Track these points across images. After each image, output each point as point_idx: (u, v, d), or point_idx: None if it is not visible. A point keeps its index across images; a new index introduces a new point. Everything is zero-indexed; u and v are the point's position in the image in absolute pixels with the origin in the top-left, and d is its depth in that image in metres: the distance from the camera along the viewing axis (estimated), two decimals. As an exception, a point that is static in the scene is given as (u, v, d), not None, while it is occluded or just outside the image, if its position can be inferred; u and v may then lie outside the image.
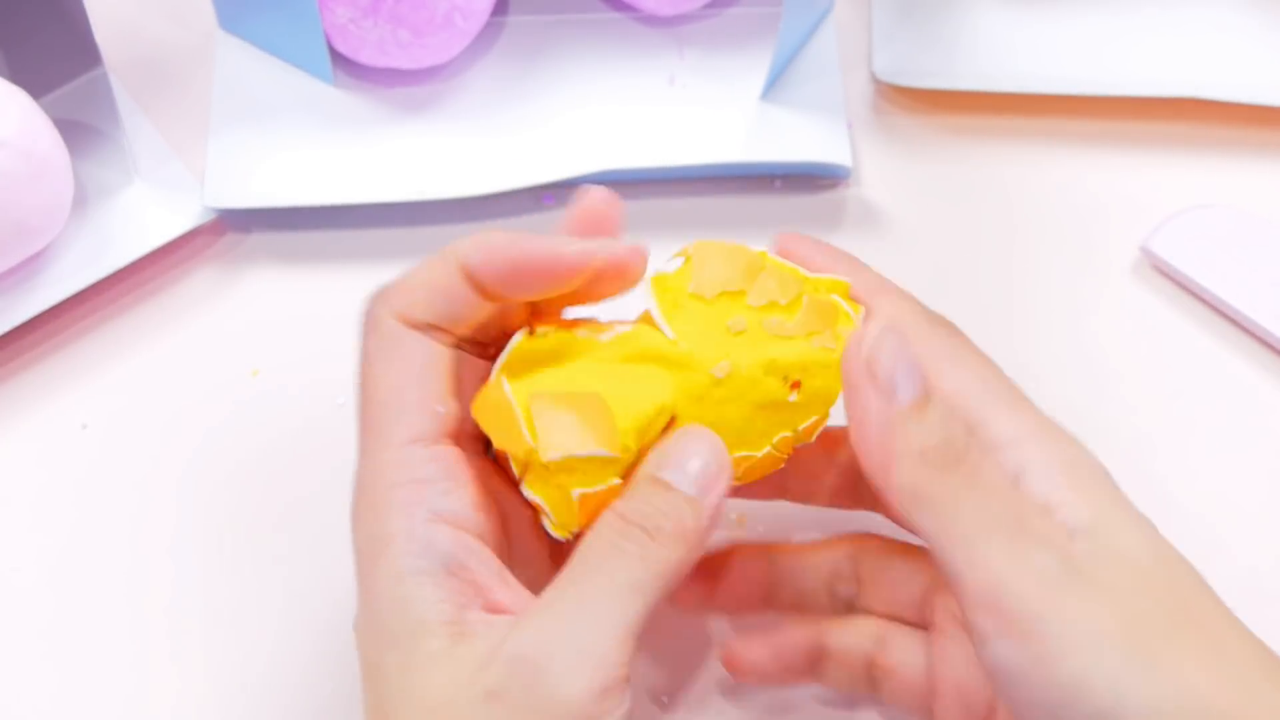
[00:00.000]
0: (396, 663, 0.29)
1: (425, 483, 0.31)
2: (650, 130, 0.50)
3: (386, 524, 0.30)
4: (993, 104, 0.52)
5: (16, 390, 0.46)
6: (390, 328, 0.32)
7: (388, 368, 0.32)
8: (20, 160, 0.43)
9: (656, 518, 0.31)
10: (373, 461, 0.32)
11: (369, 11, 0.48)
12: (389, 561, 0.30)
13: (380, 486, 0.31)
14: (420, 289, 0.33)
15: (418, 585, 0.30)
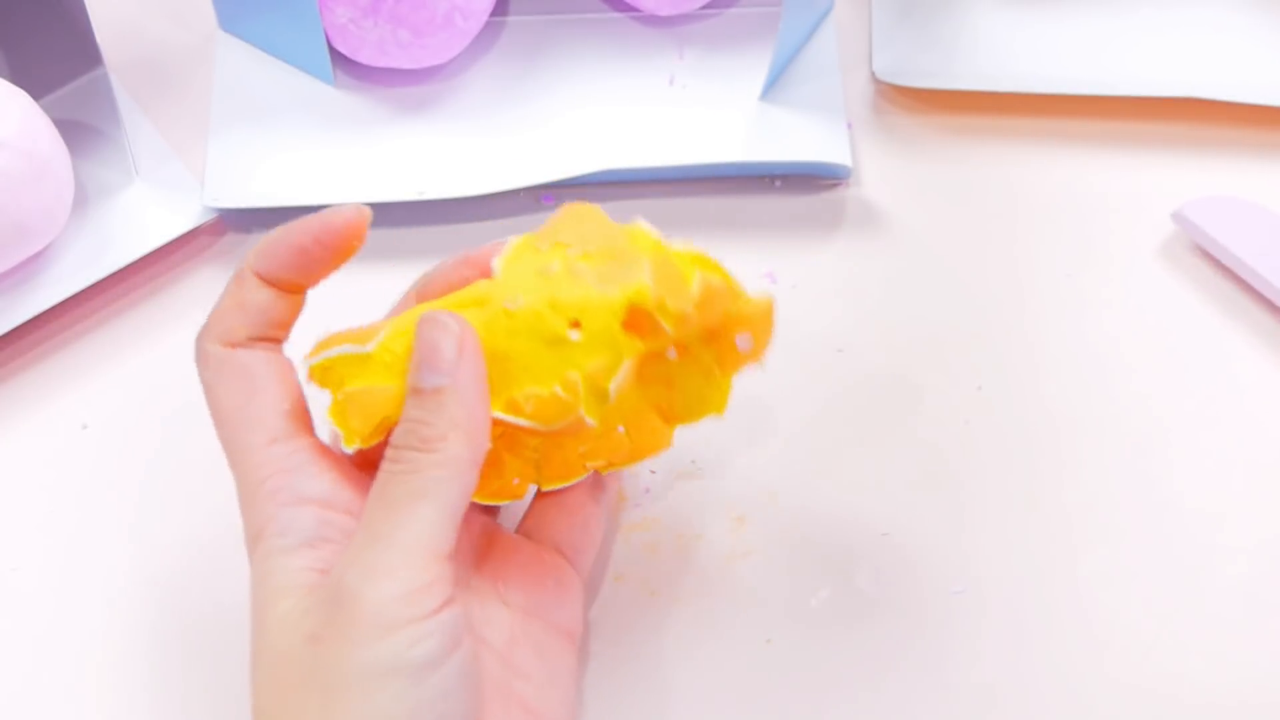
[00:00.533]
0: (255, 629, 0.32)
1: (289, 472, 0.33)
2: (650, 130, 0.50)
3: (260, 515, 0.33)
4: (993, 104, 0.52)
5: (16, 390, 0.46)
6: (217, 354, 0.35)
7: (228, 389, 0.34)
8: (21, 161, 0.43)
9: (420, 428, 0.32)
10: (241, 470, 0.34)
11: (369, 11, 0.48)
12: (262, 546, 0.33)
13: (251, 485, 0.33)
14: (230, 311, 0.35)
15: (280, 558, 0.32)
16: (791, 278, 0.48)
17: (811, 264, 0.49)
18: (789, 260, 0.48)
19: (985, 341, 0.47)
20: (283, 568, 0.32)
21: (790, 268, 0.48)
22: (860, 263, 0.49)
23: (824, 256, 0.49)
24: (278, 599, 0.32)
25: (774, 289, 0.48)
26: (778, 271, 0.48)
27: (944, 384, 0.46)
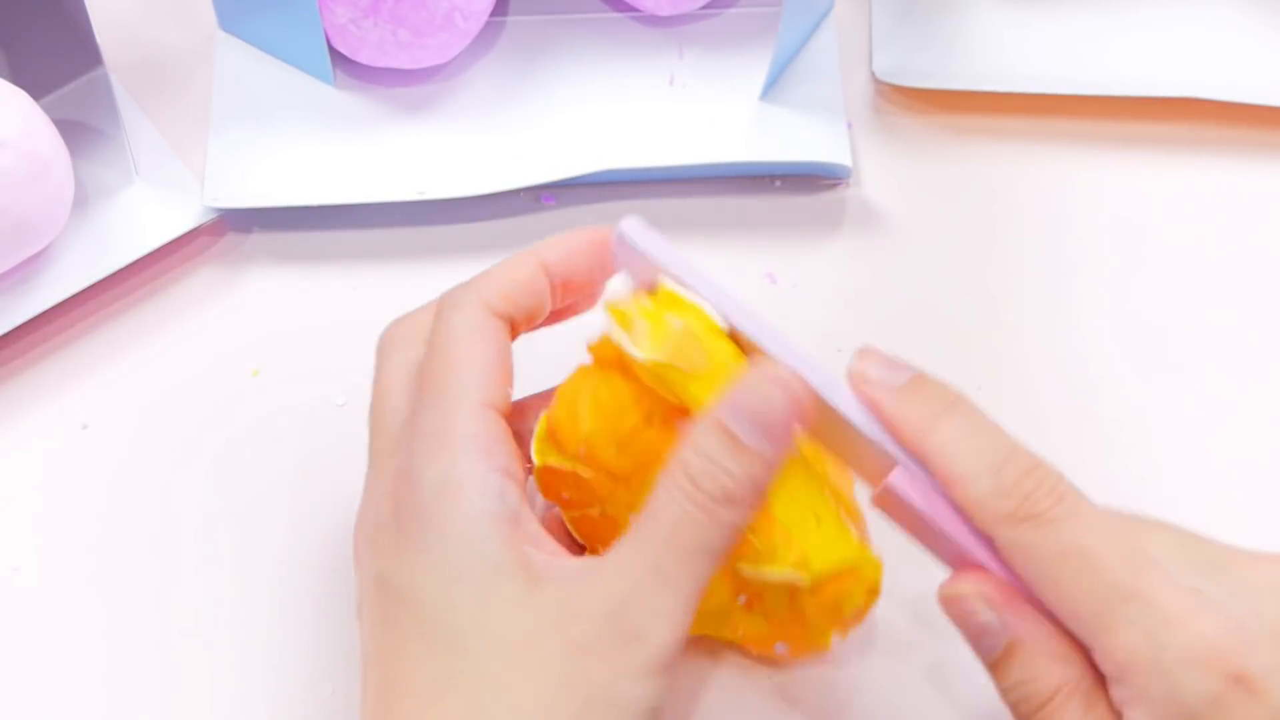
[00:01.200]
0: (473, 600, 0.30)
1: (497, 441, 0.32)
2: (650, 130, 0.50)
3: (460, 469, 0.31)
4: (993, 104, 0.52)
5: (16, 390, 0.46)
6: (477, 310, 0.34)
7: (474, 342, 0.34)
8: (21, 161, 0.43)
9: (723, 479, 0.31)
10: (442, 414, 0.33)
11: (369, 11, 0.48)
12: (465, 503, 0.31)
13: (453, 437, 0.32)
14: (508, 283, 0.35)
15: (494, 527, 0.31)
16: (791, 278, 0.48)
17: (811, 264, 0.49)
18: (789, 260, 0.48)
19: (985, 341, 0.47)
20: (499, 538, 0.31)
21: (790, 268, 0.48)
22: (860, 263, 0.49)
23: (824, 256, 0.49)
24: (501, 575, 0.30)
25: (774, 289, 0.48)
26: (778, 272, 0.48)
27: (944, 384, 0.46)
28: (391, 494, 0.33)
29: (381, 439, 0.34)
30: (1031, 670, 0.31)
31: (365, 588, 0.33)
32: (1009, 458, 0.31)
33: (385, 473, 0.34)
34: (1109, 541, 0.30)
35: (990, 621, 0.31)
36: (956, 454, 0.31)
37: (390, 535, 0.32)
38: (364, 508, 0.34)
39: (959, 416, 0.32)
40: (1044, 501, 0.31)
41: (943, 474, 0.31)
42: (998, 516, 0.31)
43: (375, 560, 0.33)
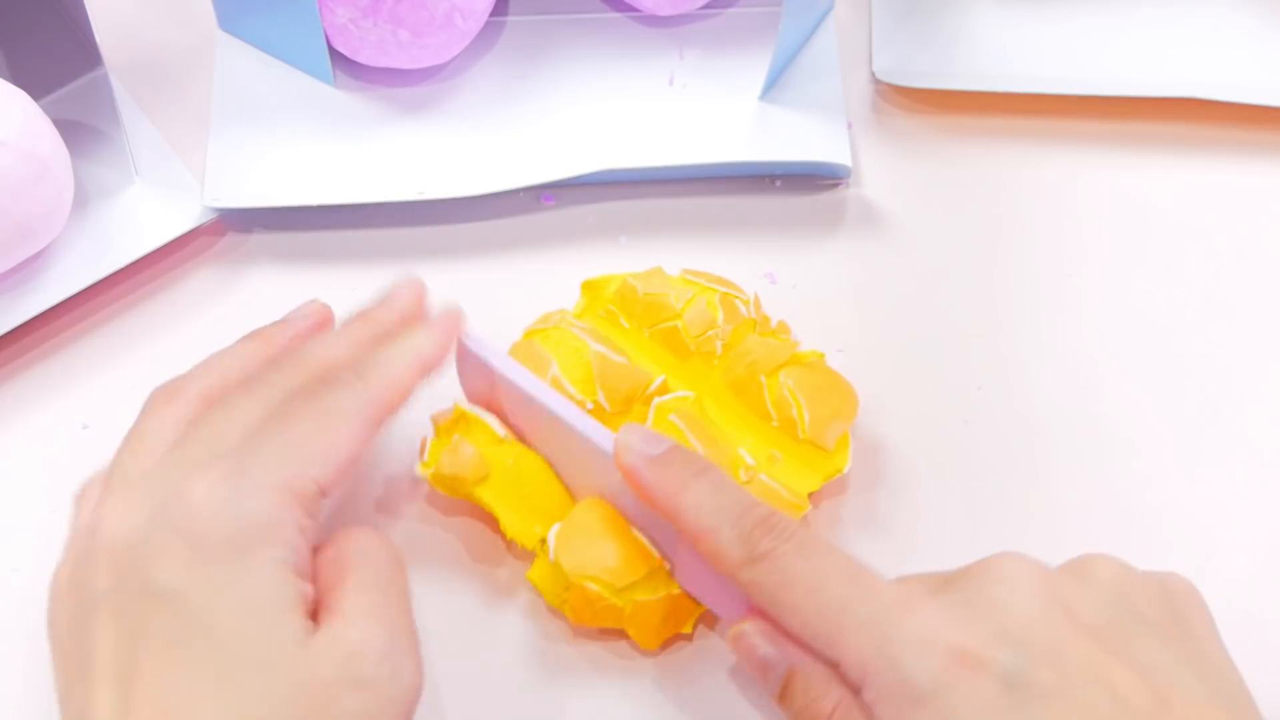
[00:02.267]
0: (261, 631, 0.31)
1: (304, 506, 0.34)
2: (650, 130, 0.50)
3: (276, 514, 0.33)
4: (993, 104, 0.52)
5: (16, 390, 0.46)
6: None
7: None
8: (21, 161, 0.43)
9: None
10: (291, 467, 0.34)
11: (369, 12, 0.48)
12: (278, 549, 0.32)
13: (278, 484, 0.33)
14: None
15: (295, 578, 0.33)
16: (791, 278, 0.48)
17: (811, 264, 0.49)
18: (789, 260, 0.48)
19: (985, 341, 0.47)
20: (293, 585, 0.32)
21: (790, 268, 0.48)
22: (860, 263, 0.49)
23: (824, 256, 0.49)
24: (291, 614, 0.32)
25: (774, 289, 0.48)
26: (778, 271, 0.48)
27: (944, 384, 0.46)
28: (186, 507, 0.33)
29: (201, 450, 0.34)
30: (810, 692, 0.33)
31: (124, 594, 0.32)
32: (746, 511, 0.35)
33: (151, 489, 0.34)
34: (831, 564, 0.33)
35: (770, 654, 0.34)
36: (703, 511, 0.35)
37: (180, 548, 0.32)
38: (113, 511, 0.34)
39: (706, 481, 0.36)
40: (774, 542, 0.34)
41: (692, 530, 0.35)
42: (738, 561, 0.34)
43: (151, 567, 0.32)
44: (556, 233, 0.49)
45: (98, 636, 0.32)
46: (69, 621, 0.34)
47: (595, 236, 0.49)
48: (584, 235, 0.49)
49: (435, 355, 0.38)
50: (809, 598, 0.33)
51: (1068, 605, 0.32)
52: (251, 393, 0.36)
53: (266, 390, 0.36)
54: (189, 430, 0.35)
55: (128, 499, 0.34)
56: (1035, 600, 0.32)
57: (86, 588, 0.33)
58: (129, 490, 0.34)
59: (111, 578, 0.33)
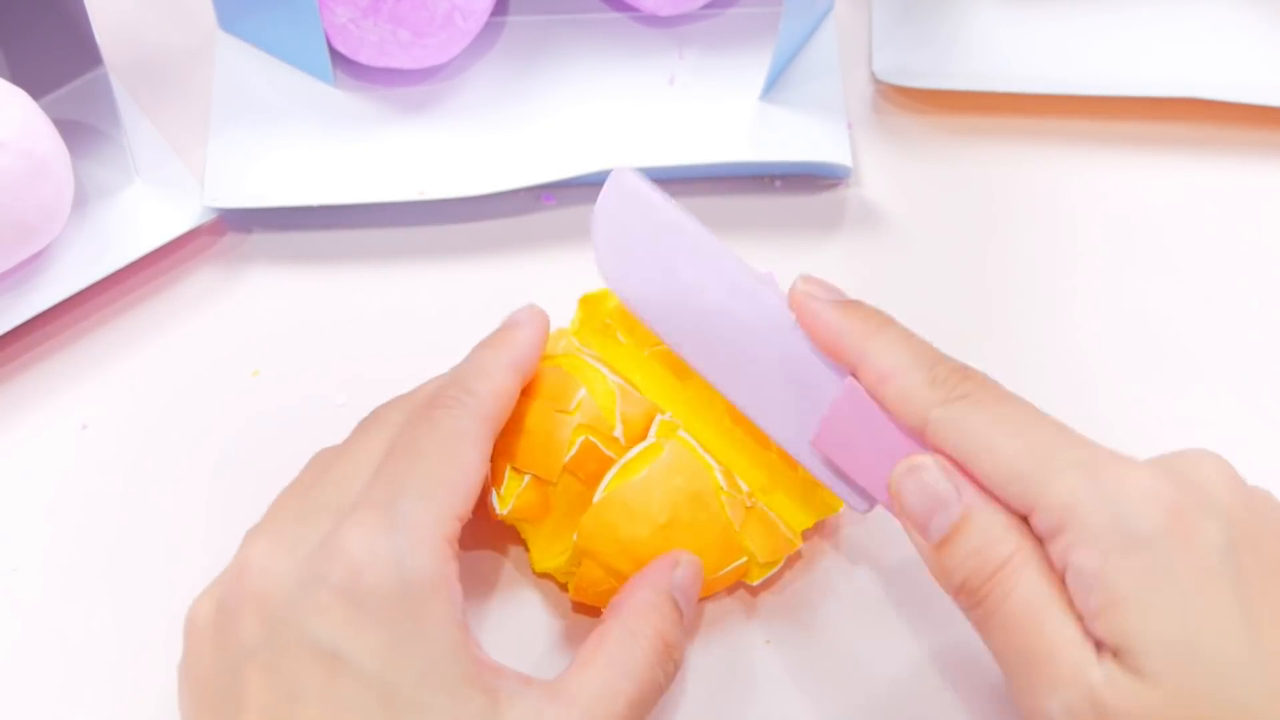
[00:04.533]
0: (445, 704, 0.30)
1: (455, 548, 0.33)
2: (650, 130, 0.50)
3: (443, 570, 0.31)
4: (993, 104, 0.52)
5: (16, 390, 0.46)
6: (474, 419, 0.36)
7: (468, 449, 0.35)
8: (21, 160, 0.43)
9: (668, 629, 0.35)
10: (428, 509, 0.32)
11: (369, 11, 0.48)
12: (443, 605, 0.31)
13: (438, 536, 0.32)
14: (497, 397, 0.37)
15: (464, 637, 0.31)
16: (791, 278, 0.48)
17: (811, 264, 0.49)
18: (789, 260, 0.48)
19: (985, 341, 0.47)
20: (466, 647, 0.31)
21: (790, 268, 0.48)
22: (860, 263, 0.49)
23: (824, 256, 0.49)
24: (473, 689, 0.30)
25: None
26: (778, 271, 0.48)
27: (944, 384, 0.46)
28: (344, 560, 0.31)
29: (336, 492, 0.33)
30: (986, 536, 0.32)
31: (278, 649, 0.31)
32: (940, 359, 0.34)
33: (296, 532, 0.32)
34: (1034, 412, 0.32)
35: (947, 490, 0.32)
36: (893, 354, 0.34)
37: (340, 605, 0.30)
38: (261, 555, 0.32)
39: (894, 329, 0.35)
40: (973, 386, 0.33)
41: (879, 371, 0.34)
42: (932, 401, 0.33)
43: (309, 623, 0.30)
44: (556, 233, 0.49)
45: (249, 690, 0.30)
46: (214, 669, 0.32)
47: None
48: (584, 235, 0.49)
49: (530, 354, 0.37)
50: (1014, 438, 0.31)
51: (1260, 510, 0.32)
52: (373, 428, 0.35)
53: (379, 427, 0.35)
54: (321, 470, 0.34)
55: (274, 540, 0.32)
56: (1236, 493, 0.31)
57: (235, 636, 0.31)
58: (273, 532, 0.33)
59: (264, 629, 0.31)
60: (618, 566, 0.38)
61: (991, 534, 0.32)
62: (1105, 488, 0.30)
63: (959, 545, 0.32)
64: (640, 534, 0.38)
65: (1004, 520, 0.32)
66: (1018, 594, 0.31)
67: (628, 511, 0.38)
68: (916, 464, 0.33)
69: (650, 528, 0.38)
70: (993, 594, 0.31)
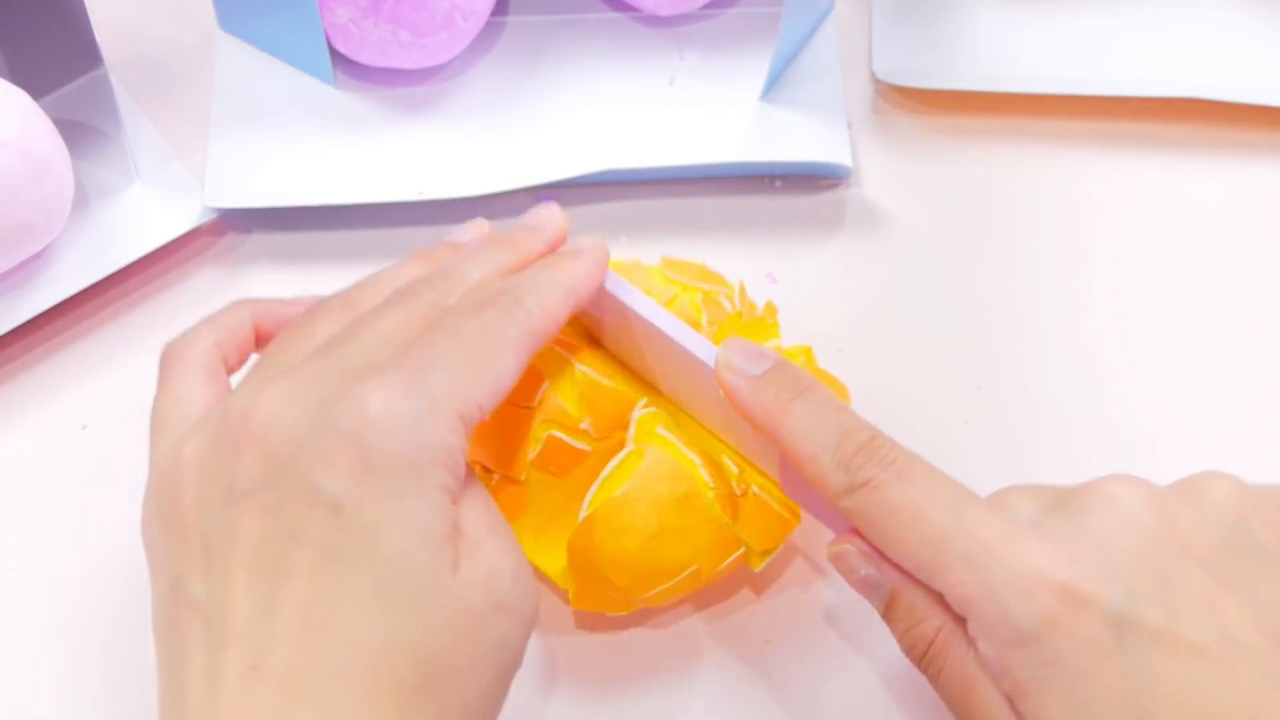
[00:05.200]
0: (425, 560, 0.30)
1: (469, 432, 0.33)
2: (650, 130, 0.50)
3: (452, 444, 0.31)
4: (993, 104, 0.52)
5: (16, 390, 0.46)
6: None
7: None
8: (21, 160, 0.43)
9: None
10: (464, 393, 0.32)
11: (369, 12, 0.48)
12: (447, 477, 0.31)
13: (458, 419, 0.32)
14: None
15: (452, 503, 0.31)
16: (791, 278, 0.48)
17: (811, 264, 0.49)
18: (789, 260, 0.48)
19: (985, 341, 0.47)
20: (449, 511, 0.31)
21: (790, 268, 0.48)
22: (860, 263, 0.49)
23: (824, 256, 0.49)
24: (447, 545, 0.31)
25: (774, 289, 0.48)
26: (778, 271, 0.48)
27: (944, 384, 0.46)
28: (359, 413, 0.31)
29: (363, 358, 0.33)
30: (913, 615, 0.33)
31: (279, 491, 0.31)
32: (848, 435, 0.34)
33: (315, 385, 0.32)
34: (933, 494, 0.32)
35: (870, 575, 0.34)
36: (803, 435, 0.34)
37: (349, 457, 0.31)
38: (273, 399, 0.32)
39: (803, 404, 0.34)
40: (874, 469, 0.33)
41: (794, 456, 0.34)
42: (839, 489, 0.33)
43: (315, 470, 0.30)
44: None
45: (242, 527, 0.31)
46: (199, 504, 0.32)
47: (595, 236, 0.49)
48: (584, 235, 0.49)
49: (586, 286, 0.37)
50: (909, 529, 0.32)
51: (1179, 534, 0.31)
52: (408, 303, 0.34)
53: (420, 304, 0.34)
54: (347, 332, 0.34)
55: (291, 389, 0.32)
56: (1145, 530, 0.31)
57: (231, 474, 0.31)
58: (290, 381, 0.32)
59: (265, 470, 0.31)
60: (612, 579, 0.38)
61: (916, 612, 0.33)
62: (992, 582, 0.31)
63: (894, 621, 0.34)
64: (630, 548, 0.38)
65: (926, 598, 0.33)
66: (949, 669, 0.32)
67: (614, 528, 0.38)
68: (841, 551, 0.34)
69: (639, 540, 0.38)
70: (930, 667, 0.33)
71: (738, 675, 0.40)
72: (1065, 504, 0.33)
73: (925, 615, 0.33)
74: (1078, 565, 0.30)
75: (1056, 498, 0.33)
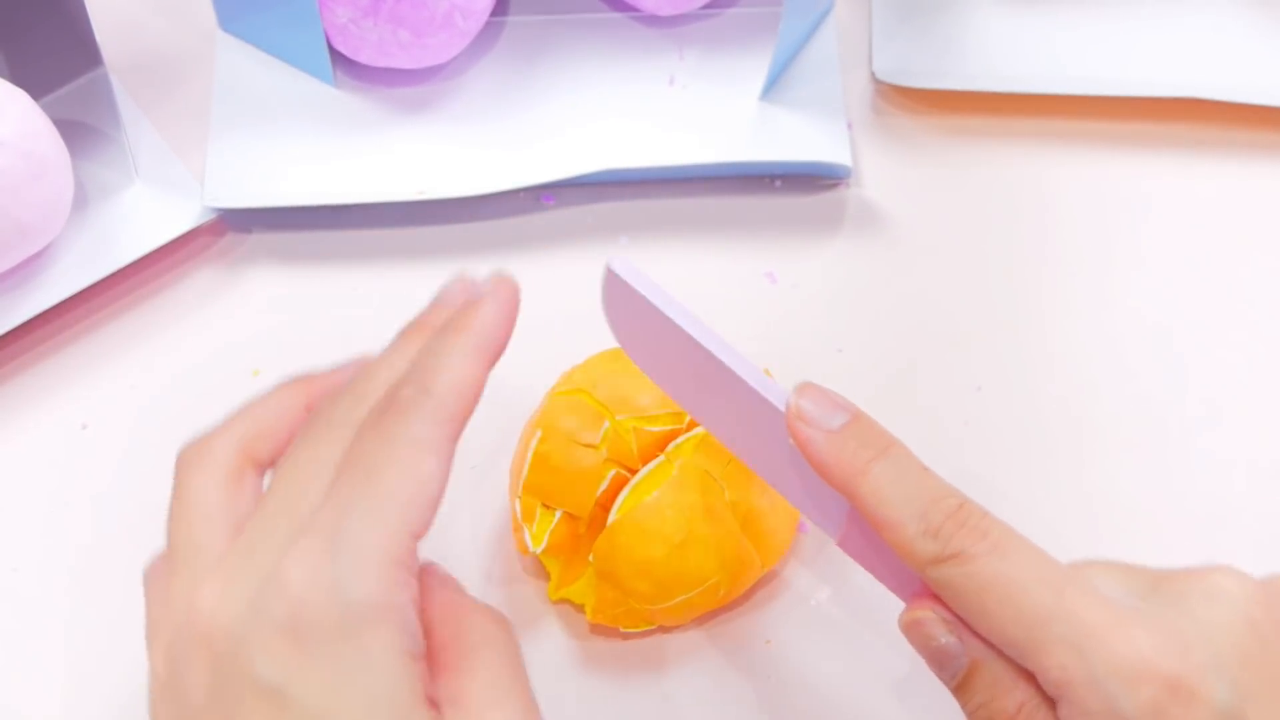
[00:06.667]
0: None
1: (413, 573, 0.30)
2: (650, 130, 0.50)
3: (389, 596, 0.29)
4: (993, 104, 0.52)
5: (16, 390, 0.46)
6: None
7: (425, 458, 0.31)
8: (20, 160, 0.43)
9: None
10: (372, 529, 0.30)
11: (369, 12, 0.48)
12: (389, 634, 0.29)
13: (386, 559, 0.30)
14: None
15: (414, 668, 0.29)
16: (791, 278, 0.48)
17: (811, 264, 0.49)
18: (789, 260, 0.48)
19: (985, 341, 0.47)
20: (413, 678, 0.29)
21: (790, 268, 0.48)
22: (860, 263, 0.49)
23: (824, 256, 0.49)
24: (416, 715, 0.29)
25: (774, 289, 0.48)
26: (778, 271, 0.48)
27: (944, 384, 0.46)
28: (285, 595, 0.29)
29: (285, 519, 0.31)
30: (993, 690, 0.31)
31: (226, 695, 0.30)
32: (935, 501, 0.32)
33: (241, 571, 0.30)
34: (1031, 570, 0.31)
35: (951, 645, 0.32)
36: (886, 499, 0.32)
37: (283, 641, 0.29)
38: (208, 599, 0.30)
39: (889, 463, 0.32)
40: (967, 540, 0.31)
41: (873, 519, 0.32)
42: (925, 559, 0.31)
43: (254, 662, 0.29)
44: (556, 233, 0.49)
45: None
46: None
47: (595, 236, 0.49)
48: (584, 235, 0.49)
49: (497, 337, 0.33)
50: (1005, 605, 0.30)
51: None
52: (318, 438, 0.32)
53: (330, 430, 0.32)
54: (272, 488, 0.32)
55: (221, 585, 0.30)
56: (1252, 625, 0.30)
57: (186, 691, 0.30)
58: (218, 575, 0.31)
59: (213, 675, 0.30)
60: (635, 587, 0.38)
61: (999, 686, 0.31)
62: (1096, 668, 0.30)
63: (971, 695, 0.32)
64: (656, 554, 0.38)
65: (1011, 672, 0.31)
66: None
67: (642, 533, 0.38)
68: (919, 618, 0.32)
69: (666, 547, 0.38)
70: None
71: (738, 675, 0.40)
72: (1162, 589, 0.32)
73: (1008, 691, 0.31)
74: (1187, 657, 0.29)
75: (1150, 581, 0.32)
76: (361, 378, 0.33)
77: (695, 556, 0.38)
